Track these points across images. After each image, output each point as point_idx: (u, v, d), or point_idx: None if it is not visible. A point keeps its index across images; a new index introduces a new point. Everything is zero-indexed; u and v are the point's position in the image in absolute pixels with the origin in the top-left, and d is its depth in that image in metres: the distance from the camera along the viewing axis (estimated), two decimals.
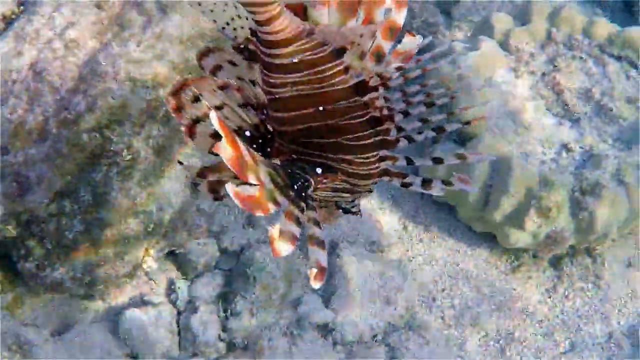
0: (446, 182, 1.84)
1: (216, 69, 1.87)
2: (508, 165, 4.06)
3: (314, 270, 1.56)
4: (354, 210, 2.07)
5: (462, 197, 4.23)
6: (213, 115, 1.41)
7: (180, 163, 3.31)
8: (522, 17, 4.75)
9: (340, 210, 2.04)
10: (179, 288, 3.93)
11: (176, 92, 1.75)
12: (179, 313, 3.89)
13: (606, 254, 4.39)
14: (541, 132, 4.36)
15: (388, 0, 1.62)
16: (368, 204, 4.38)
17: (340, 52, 1.67)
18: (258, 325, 3.80)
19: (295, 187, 1.70)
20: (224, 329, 3.81)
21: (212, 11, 1.79)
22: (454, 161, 1.86)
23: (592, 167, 4.14)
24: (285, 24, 1.62)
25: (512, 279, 4.34)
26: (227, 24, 1.80)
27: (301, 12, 1.68)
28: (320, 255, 1.60)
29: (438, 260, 4.34)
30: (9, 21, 4.07)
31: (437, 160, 1.89)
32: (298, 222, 1.55)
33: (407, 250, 4.35)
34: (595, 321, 4.23)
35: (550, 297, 4.31)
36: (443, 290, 4.24)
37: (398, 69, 1.73)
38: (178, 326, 3.85)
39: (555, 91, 4.47)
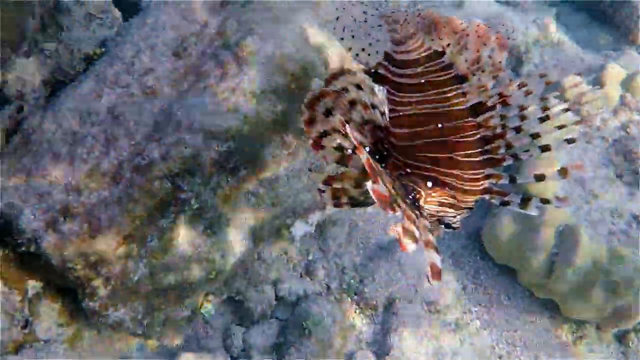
0: (544, 201, 1.96)
1: (344, 89, 2.07)
2: (575, 235, 3.97)
3: (430, 270, 1.68)
4: (454, 225, 2.15)
5: (526, 262, 4.15)
6: (349, 128, 1.68)
7: (310, 170, 3.60)
8: (595, 80, 4.69)
9: (443, 225, 2.13)
10: (234, 334, 3.95)
11: (312, 104, 1.97)
12: (232, 359, 3.91)
13: None
14: (611, 201, 4.25)
15: (493, 39, 1.90)
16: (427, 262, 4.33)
17: (462, 79, 1.93)
18: None
19: (410, 196, 1.93)
20: None
21: (353, 37, 2.04)
22: (555, 177, 1.92)
23: None
24: (419, 44, 1.91)
25: (574, 350, 4.21)
26: (363, 49, 2.05)
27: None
28: (436, 259, 1.69)
29: (497, 326, 4.26)
30: (90, 61, 4.24)
31: (539, 177, 1.96)
32: (417, 227, 1.68)
33: (465, 313, 4.28)
34: None
35: None
36: (500, 357, 4.15)
37: (520, 86, 1.91)
38: None
39: (627, 159, 4.37)
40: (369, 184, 1.60)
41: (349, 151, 1.99)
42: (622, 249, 3.94)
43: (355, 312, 4.16)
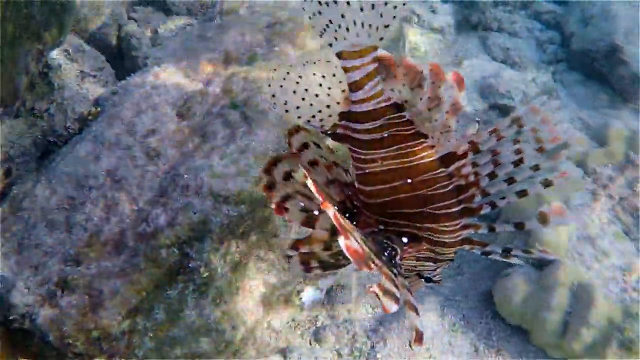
0: (526, 251, 1.92)
1: (303, 147, 2.00)
2: (590, 294, 3.90)
3: (414, 335, 1.62)
4: (435, 279, 2.10)
5: (539, 322, 4.05)
6: (310, 183, 1.56)
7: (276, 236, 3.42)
8: (598, 138, 4.69)
9: (423, 280, 2.08)
10: None
11: (269, 169, 1.90)
12: None
13: None
14: (620, 258, 4.21)
15: (449, 78, 1.76)
16: (441, 324, 4.20)
17: (424, 134, 1.82)
18: None
19: (386, 254, 1.82)
20: None
21: (298, 108, 1.91)
22: (535, 225, 1.86)
23: None
24: (378, 90, 1.77)
25: None
26: (313, 116, 1.91)
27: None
28: (417, 320, 1.65)
29: None
30: (85, 122, 4.07)
31: (519, 225, 1.91)
32: (396, 286, 1.60)
33: None
34: None
35: None
36: None
37: (491, 132, 1.83)
38: None
39: (634, 216, 4.35)
40: (340, 241, 1.50)
41: (316, 212, 1.93)
42: (636, 306, 3.87)
43: None
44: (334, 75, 1.90)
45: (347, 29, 1.70)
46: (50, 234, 3.40)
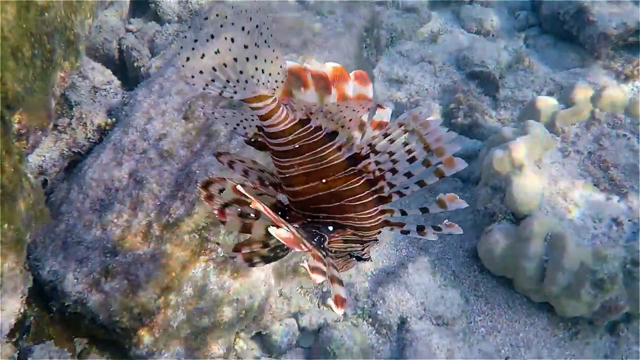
0: (436, 228, 2.24)
1: (231, 164, 2.33)
2: (562, 242, 4.37)
3: (334, 301, 1.88)
4: (365, 257, 2.43)
5: (519, 271, 4.55)
6: (240, 188, 1.86)
7: (218, 244, 3.80)
8: (566, 99, 5.14)
9: (354, 259, 2.41)
10: None
11: (205, 186, 2.13)
12: None
13: None
14: (591, 208, 4.67)
15: (352, 76, 2.05)
16: (432, 280, 4.74)
17: (332, 135, 2.10)
18: None
19: (315, 240, 2.13)
20: None
21: (223, 117, 2.23)
22: (436, 209, 2.18)
23: None
24: (284, 116, 2.03)
25: (571, 345, 4.62)
26: (238, 124, 2.21)
27: (288, 96, 2.06)
28: (340, 291, 1.92)
29: (500, 331, 4.66)
30: (103, 132, 4.62)
31: (424, 210, 2.23)
32: (323, 263, 1.92)
33: (471, 322, 4.68)
34: None
35: None
36: (507, 358, 4.54)
37: (384, 135, 2.10)
38: None
39: (602, 168, 4.80)
40: (272, 229, 1.78)
41: (252, 215, 2.12)
42: (604, 249, 4.34)
43: (372, 333, 4.55)
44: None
45: (246, 81, 1.92)
46: (88, 232, 3.98)
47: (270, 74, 1.95)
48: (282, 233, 1.82)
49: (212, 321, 3.88)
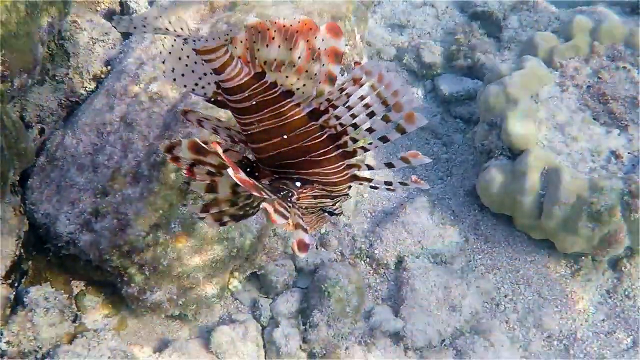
0: (402, 183, 2.25)
1: (200, 122, 2.35)
2: (558, 175, 4.32)
3: (296, 245, 1.88)
4: (337, 212, 2.43)
5: (517, 206, 4.51)
6: (197, 140, 1.91)
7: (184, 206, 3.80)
8: (565, 34, 5.03)
9: (327, 214, 2.41)
10: (262, 306, 4.35)
11: (168, 150, 2.16)
12: (263, 328, 4.31)
13: None
14: (590, 141, 4.58)
15: (322, 29, 1.97)
16: (430, 219, 4.72)
17: (288, 93, 2.08)
18: (335, 335, 4.17)
19: (280, 194, 2.13)
20: (304, 340, 4.19)
21: (183, 75, 2.20)
22: (401, 165, 2.17)
23: None
24: (238, 70, 2.01)
25: (573, 282, 4.57)
26: (196, 84, 2.21)
27: (251, 51, 2.02)
28: (303, 236, 1.91)
29: (500, 269, 4.63)
30: (98, 80, 4.66)
31: (389, 165, 2.22)
32: (286, 209, 1.94)
33: (470, 261, 4.65)
34: None
35: (611, 297, 4.52)
36: (506, 296, 4.51)
37: (340, 90, 2.07)
38: (263, 339, 4.26)
39: (601, 102, 4.70)
40: (229, 171, 1.78)
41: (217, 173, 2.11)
42: (601, 180, 4.26)
43: (370, 273, 4.55)
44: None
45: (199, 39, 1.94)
46: (81, 175, 4.04)
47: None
48: (240, 175, 1.82)
49: (204, 260, 3.92)
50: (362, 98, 2.06)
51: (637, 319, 4.41)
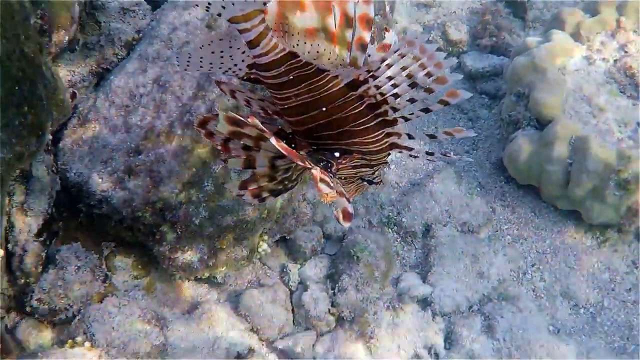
0: (444, 154, 2.28)
1: (233, 93, 2.37)
2: (585, 144, 4.34)
3: (341, 214, 1.90)
4: (376, 180, 2.46)
5: (544, 176, 4.52)
6: (232, 114, 1.88)
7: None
8: (591, 10, 5.06)
9: (366, 183, 2.44)
10: (290, 271, 4.37)
11: (201, 126, 2.20)
12: (291, 292, 4.32)
13: None
14: (616, 113, 4.61)
15: None
16: (457, 189, 4.73)
17: (323, 70, 2.08)
18: (363, 299, 4.18)
19: (321, 164, 2.14)
20: (333, 304, 4.20)
21: (212, 53, 2.25)
22: (444, 137, 2.21)
23: None
24: (273, 44, 2.01)
25: (599, 252, 4.58)
26: (229, 69, 2.26)
27: (283, 20, 1.98)
28: (347, 205, 1.92)
29: (527, 239, 4.64)
30: (130, 47, 4.70)
31: (432, 136, 2.26)
32: (329, 177, 1.94)
33: (497, 231, 4.67)
34: None
35: (637, 268, 4.52)
36: (533, 265, 4.53)
37: (382, 60, 2.06)
38: (292, 304, 4.27)
39: (628, 75, 4.72)
40: (271, 140, 1.78)
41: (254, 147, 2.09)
42: (629, 150, 4.29)
43: (397, 240, 4.57)
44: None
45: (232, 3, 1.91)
46: (114, 135, 4.07)
47: None
48: (283, 144, 1.82)
49: (235, 220, 3.94)
50: (403, 68, 2.05)
51: None
